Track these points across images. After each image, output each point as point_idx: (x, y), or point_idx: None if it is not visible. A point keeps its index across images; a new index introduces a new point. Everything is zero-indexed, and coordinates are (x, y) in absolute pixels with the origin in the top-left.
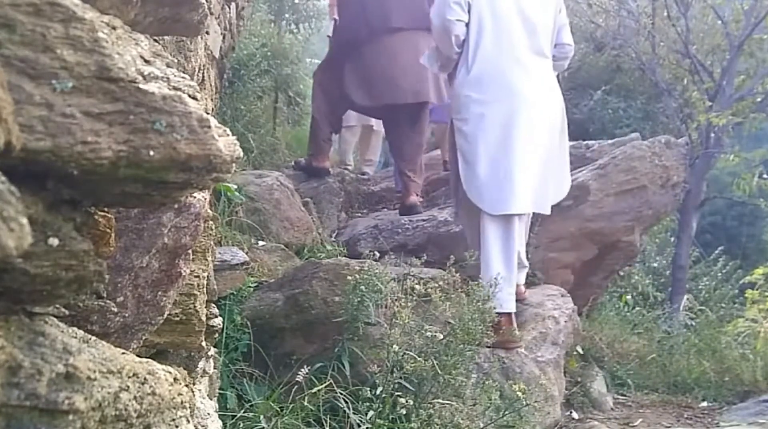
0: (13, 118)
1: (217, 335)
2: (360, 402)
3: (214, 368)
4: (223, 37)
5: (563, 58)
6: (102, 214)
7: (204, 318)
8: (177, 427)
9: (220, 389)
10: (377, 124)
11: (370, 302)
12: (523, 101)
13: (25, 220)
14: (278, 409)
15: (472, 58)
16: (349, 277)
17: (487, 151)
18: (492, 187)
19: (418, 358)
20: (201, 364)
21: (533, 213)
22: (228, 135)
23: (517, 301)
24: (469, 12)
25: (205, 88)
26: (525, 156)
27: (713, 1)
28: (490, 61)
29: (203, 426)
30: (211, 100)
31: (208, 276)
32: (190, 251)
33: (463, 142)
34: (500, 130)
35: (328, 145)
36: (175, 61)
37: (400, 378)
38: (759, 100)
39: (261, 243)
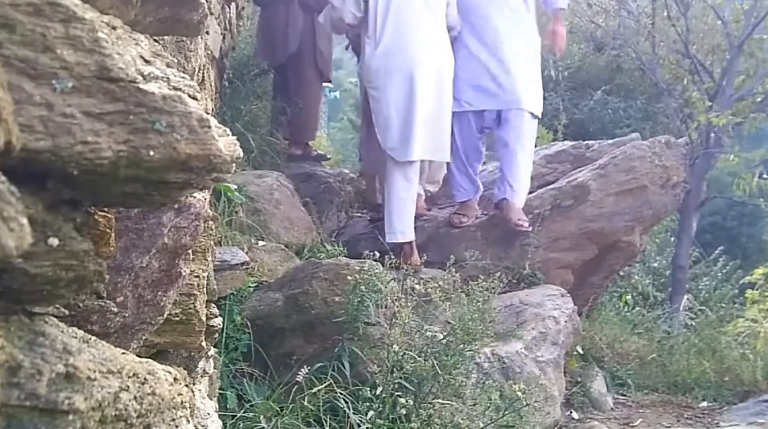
0: (13, 118)
1: (217, 335)
2: (360, 402)
3: (214, 368)
4: (223, 37)
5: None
6: (102, 214)
7: (204, 318)
8: (177, 427)
9: (220, 389)
10: None
11: (370, 302)
12: (420, 67)
13: (25, 220)
14: (278, 409)
15: (379, 34)
16: (349, 277)
17: (394, 111)
18: (399, 139)
19: (418, 358)
20: (201, 364)
21: (533, 213)
22: (228, 135)
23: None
24: None
25: (205, 88)
26: (424, 113)
27: (713, 1)
28: (394, 37)
29: (203, 426)
30: (211, 100)
31: (208, 276)
32: (190, 251)
33: (375, 105)
34: (403, 93)
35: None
36: (175, 61)
37: (400, 378)
38: (759, 100)
39: (261, 243)
